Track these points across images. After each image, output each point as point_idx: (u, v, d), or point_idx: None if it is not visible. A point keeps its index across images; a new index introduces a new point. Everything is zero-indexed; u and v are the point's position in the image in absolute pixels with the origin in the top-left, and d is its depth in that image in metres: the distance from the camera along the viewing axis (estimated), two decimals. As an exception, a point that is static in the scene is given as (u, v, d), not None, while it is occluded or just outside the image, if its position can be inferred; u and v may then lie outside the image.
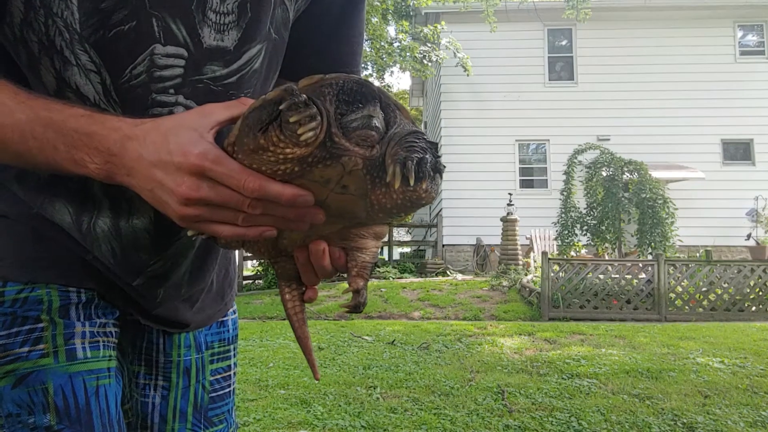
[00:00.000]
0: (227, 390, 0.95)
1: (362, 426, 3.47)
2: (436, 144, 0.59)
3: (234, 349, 0.98)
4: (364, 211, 0.62)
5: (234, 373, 0.97)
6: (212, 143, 0.59)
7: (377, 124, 0.57)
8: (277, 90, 0.56)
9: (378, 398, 4.05)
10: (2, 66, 0.69)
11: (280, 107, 0.54)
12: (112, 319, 0.79)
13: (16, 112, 0.62)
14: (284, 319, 8.01)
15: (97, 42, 0.65)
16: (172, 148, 0.58)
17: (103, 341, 0.75)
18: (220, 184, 0.57)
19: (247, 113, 0.58)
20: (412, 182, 0.55)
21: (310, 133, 0.54)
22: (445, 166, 0.58)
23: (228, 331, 0.97)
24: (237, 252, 1.10)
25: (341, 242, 0.67)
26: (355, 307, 0.68)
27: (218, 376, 0.93)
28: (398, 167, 0.55)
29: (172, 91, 0.68)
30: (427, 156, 0.56)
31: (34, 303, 0.71)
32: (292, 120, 0.53)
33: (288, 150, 0.55)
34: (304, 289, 0.74)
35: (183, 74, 0.68)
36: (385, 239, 14.65)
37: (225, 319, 0.97)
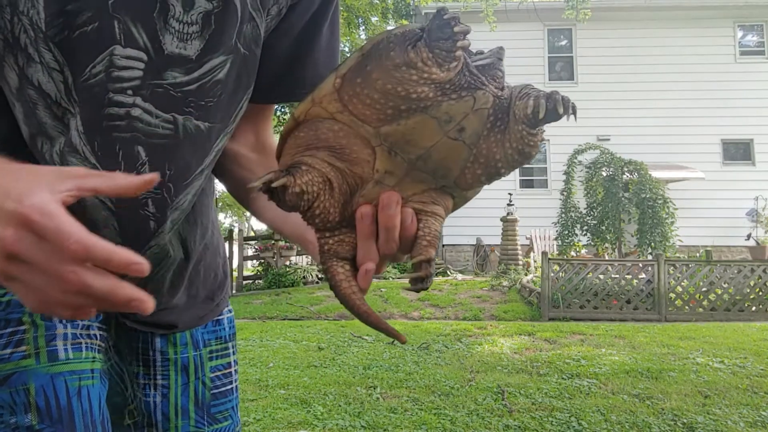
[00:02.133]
0: (229, 387, 0.96)
1: (362, 426, 3.47)
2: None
3: (233, 347, 0.99)
4: (461, 168, 0.60)
5: (235, 371, 0.98)
6: (56, 200, 0.50)
7: (503, 68, 0.57)
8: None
9: (378, 398, 4.05)
10: None
11: (426, 29, 0.54)
12: (96, 321, 0.79)
13: None
14: (284, 319, 8.01)
15: (62, 42, 0.66)
16: (12, 192, 0.50)
17: (86, 343, 0.76)
18: (44, 241, 0.49)
19: (390, 36, 0.56)
20: (561, 110, 0.54)
21: (461, 53, 0.54)
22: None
23: (224, 329, 0.98)
24: (237, 252, 1.09)
25: (416, 205, 0.62)
26: (423, 280, 0.59)
27: (218, 373, 0.95)
28: (542, 99, 0.54)
29: (130, 92, 0.69)
30: (566, 97, 0.56)
31: (17, 305, 0.71)
32: (455, 29, 0.53)
33: (434, 70, 0.54)
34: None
35: (142, 77, 0.69)
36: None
37: (220, 317, 0.98)
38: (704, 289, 8.24)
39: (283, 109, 11.84)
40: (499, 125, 0.58)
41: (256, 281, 12.46)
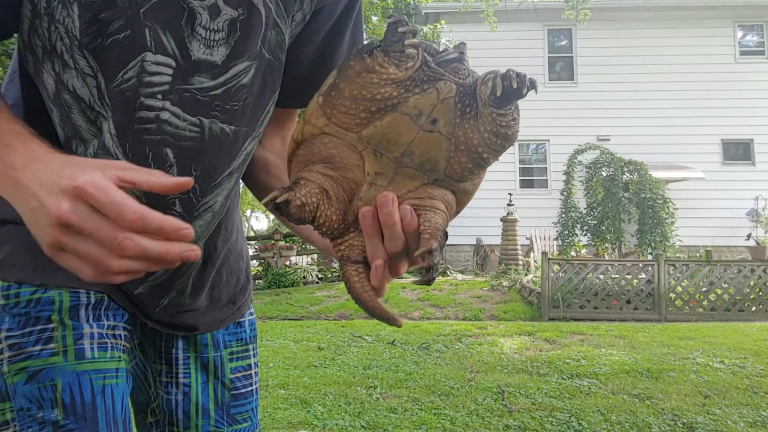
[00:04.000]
0: (250, 389, 0.98)
1: (362, 426, 3.47)
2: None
3: (253, 349, 1.01)
4: (445, 159, 0.62)
5: (256, 373, 1.00)
6: (106, 176, 0.56)
7: (464, 62, 0.61)
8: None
9: (378, 398, 4.05)
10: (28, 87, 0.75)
11: (383, 37, 0.58)
12: (121, 321, 0.82)
13: None
14: (284, 319, 8.01)
15: (95, 49, 0.69)
16: (65, 172, 0.56)
17: (111, 343, 0.78)
18: (97, 213, 0.54)
19: (353, 52, 0.62)
20: (515, 84, 0.57)
21: (413, 50, 0.58)
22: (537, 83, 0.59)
23: (245, 331, 1.00)
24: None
25: (413, 201, 0.64)
26: (427, 271, 0.61)
27: (239, 375, 0.96)
28: (498, 78, 0.57)
29: (159, 96, 0.72)
30: (522, 73, 0.58)
31: (46, 303, 0.74)
32: (400, 30, 0.57)
33: (391, 70, 0.58)
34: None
35: (171, 82, 0.72)
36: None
37: (242, 320, 0.99)
38: (704, 289, 8.24)
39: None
40: (470, 111, 0.60)
41: (256, 281, 12.45)
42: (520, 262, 11.52)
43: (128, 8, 0.68)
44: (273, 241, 11.84)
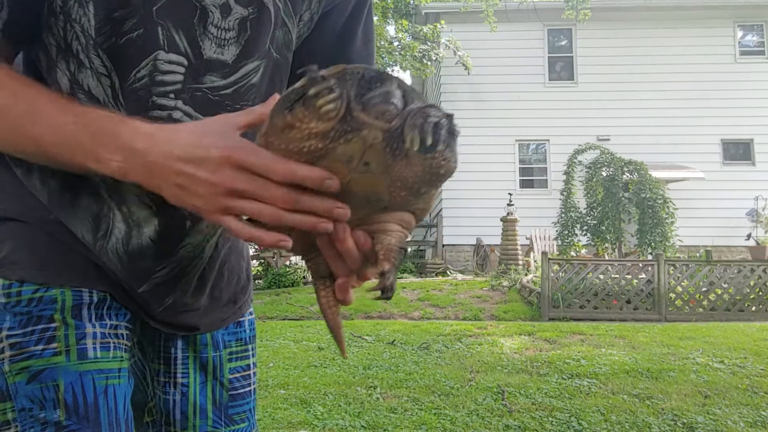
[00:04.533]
0: (248, 389, 0.97)
1: (362, 426, 3.47)
2: (452, 115, 0.60)
3: (252, 349, 1.00)
4: (387, 192, 0.63)
5: (254, 373, 0.99)
6: (240, 137, 0.62)
7: (395, 101, 0.59)
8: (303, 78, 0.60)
9: (378, 398, 4.05)
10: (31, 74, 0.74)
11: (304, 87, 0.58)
12: (123, 321, 0.81)
13: (57, 117, 0.65)
14: (284, 319, 8.02)
15: (110, 48, 0.69)
16: (207, 143, 0.61)
17: (114, 343, 0.78)
18: (254, 174, 0.60)
19: (278, 101, 0.61)
20: (429, 141, 0.57)
21: (331, 105, 0.57)
22: (460, 131, 0.59)
23: (245, 331, 0.99)
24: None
25: (366, 227, 0.67)
26: (382, 291, 0.64)
27: (237, 375, 0.96)
28: (415, 131, 0.57)
29: (172, 95, 0.72)
30: (442, 120, 0.58)
31: (49, 302, 0.74)
32: (311, 92, 0.56)
33: (312, 125, 0.58)
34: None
35: (183, 81, 0.72)
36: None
37: (242, 320, 0.99)
38: (704, 289, 8.24)
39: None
40: (399, 153, 0.60)
41: (256, 281, 12.46)
42: (520, 262, 11.52)
43: (141, 6, 0.68)
44: (273, 241, 11.84)
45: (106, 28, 0.68)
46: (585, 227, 10.86)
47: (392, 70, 12.90)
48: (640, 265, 8.45)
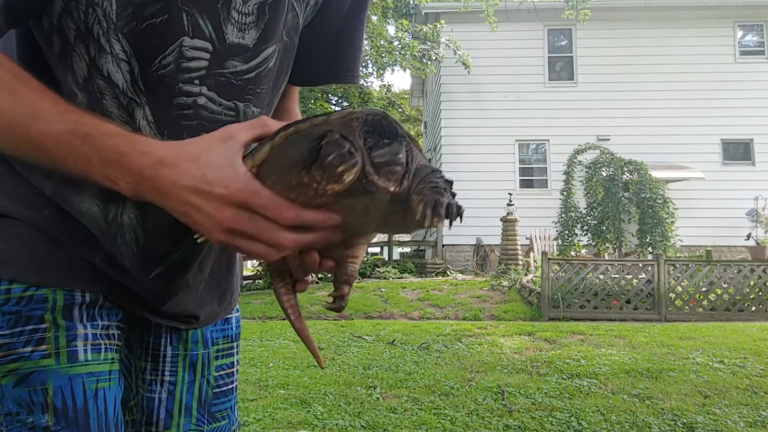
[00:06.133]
0: (230, 387, 0.96)
1: (362, 426, 3.47)
2: (452, 182, 0.63)
3: (237, 347, 1.00)
4: (374, 230, 0.69)
5: (236, 371, 0.99)
6: (247, 173, 0.62)
7: (402, 160, 0.62)
8: (312, 120, 0.63)
9: (378, 398, 4.05)
10: (25, 64, 0.71)
11: (321, 149, 0.59)
12: (115, 321, 0.79)
13: (56, 122, 0.63)
14: (284, 319, 8.00)
15: (130, 33, 0.68)
16: (211, 179, 0.61)
17: (105, 344, 0.76)
18: (257, 215, 0.61)
19: (280, 142, 0.64)
20: (443, 223, 0.59)
21: (351, 175, 0.59)
22: (464, 210, 0.62)
23: (232, 328, 0.98)
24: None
25: (336, 251, 0.72)
26: (337, 309, 0.77)
27: (222, 372, 0.95)
28: (429, 210, 0.58)
29: (197, 81, 0.72)
30: (453, 201, 0.60)
31: (39, 302, 0.72)
32: (332, 160, 0.58)
33: (329, 187, 0.60)
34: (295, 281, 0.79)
35: (207, 67, 0.72)
36: (386, 239, 14.65)
37: (229, 316, 0.98)
38: (704, 289, 8.24)
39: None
40: (400, 212, 0.62)
41: (256, 281, 12.45)
42: (520, 262, 11.52)
43: None
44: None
45: (127, 11, 0.67)
46: (585, 227, 10.86)
47: (392, 70, 12.89)
48: (640, 265, 8.45)
